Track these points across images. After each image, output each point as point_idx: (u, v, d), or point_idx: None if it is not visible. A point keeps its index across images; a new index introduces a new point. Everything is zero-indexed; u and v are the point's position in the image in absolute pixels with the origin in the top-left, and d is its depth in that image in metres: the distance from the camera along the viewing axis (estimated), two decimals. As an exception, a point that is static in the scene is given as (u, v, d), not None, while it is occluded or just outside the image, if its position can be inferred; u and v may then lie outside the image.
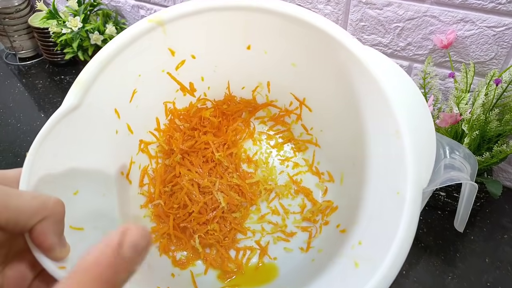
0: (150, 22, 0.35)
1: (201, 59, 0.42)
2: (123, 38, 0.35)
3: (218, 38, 0.40)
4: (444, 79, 0.66)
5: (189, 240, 0.42)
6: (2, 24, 1.00)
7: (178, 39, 0.38)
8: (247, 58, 0.42)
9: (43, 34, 0.98)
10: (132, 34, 0.35)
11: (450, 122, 0.57)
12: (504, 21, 0.57)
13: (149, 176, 0.44)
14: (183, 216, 0.43)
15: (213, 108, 0.47)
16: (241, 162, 0.47)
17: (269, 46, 0.40)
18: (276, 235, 0.44)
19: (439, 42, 0.60)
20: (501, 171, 0.71)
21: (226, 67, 0.44)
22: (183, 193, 0.43)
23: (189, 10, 0.36)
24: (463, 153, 0.50)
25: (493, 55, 0.60)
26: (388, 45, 0.67)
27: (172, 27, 0.37)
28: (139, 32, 0.35)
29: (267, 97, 0.47)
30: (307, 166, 0.46)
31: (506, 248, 0.62)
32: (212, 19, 0.37)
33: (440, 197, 0.66)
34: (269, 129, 0.49)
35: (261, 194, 0.46)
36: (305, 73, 0.41)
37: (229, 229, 0.43)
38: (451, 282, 0.57)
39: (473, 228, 0.65)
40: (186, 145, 0.45)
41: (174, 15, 0.36)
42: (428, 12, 0.61)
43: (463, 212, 0.54)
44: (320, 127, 0.45)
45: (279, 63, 0.42)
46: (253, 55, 0.41)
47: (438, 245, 0.62)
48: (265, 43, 0.40)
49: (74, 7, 0.89)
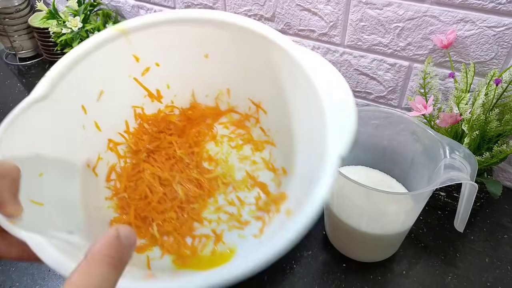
0: (115, 30, 0.40)
1: (165, 67, 0.46)
2: (90, 42, 0.40)
3: (179, 48, 0.44)
4: (444, 79, 0.66)
5: (148, 228, 0.45)
6: (2, 24, 1.00)
7: (142, 47, 0.43)
8: (207, 67, 0.46)
9: (43, 34, 0.98)
10: (98, 40, 0.40)
11: (450, 122, 0.57)
12: (504, 21, 0.57)
13: (116, 172, 0.47)
14: (143, 206, 0.45)
15: (179, 114, 0.51)
16: (202, 161, 0.50)
17: (224, 55, 0.44)
18: (231, 224, 0.46)
19: (439, 42, 0.60)
20: (501, 171, 0.71)
21: (189, 76, 0.48)
22: (144, 185, 0.46)
23: (149, 21, 0.41)
24: (463, 153, 0.50)
25: (493, 55, 0.60)
26: (388, 45, 0.67)
27: (136, 36, 0.41)
28: (104, 38, 0.40)
29: (228, 103, 0.51)
30: (264, 163, 0.50)
31: (506, 248, 0.62)
32: (171, 31, 0.42)
33: (440, 197, 0.66)
34: (231, 133, 0.52)
35: (219, 188, 0.49)
36: (257, 78, 0.45)
37: (187, 218, 0.46)
38: (451, 282, 0.57)
39: (473, 228, 0.65)
40: (152, 145, 0.48)
41: (136, 25, 0.41)
42: (428, 12, 0.61)
43: (463, 212, 0.54)
44: (276, 128, 0.49)
45: (234, 70, 0.46)
46: (212, 64, 0.45)
47: (438, 245, 0.62)
48: (220, 52, 0.44)
49: (74, 7, 0.89)
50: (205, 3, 0.81)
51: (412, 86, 0.70)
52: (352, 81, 0.76)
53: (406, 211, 0.53)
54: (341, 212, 0.56)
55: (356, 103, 0.79)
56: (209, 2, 0.80)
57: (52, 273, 0.60)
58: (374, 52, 0.70)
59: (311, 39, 0.75)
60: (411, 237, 0.63)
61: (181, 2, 0.84)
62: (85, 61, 0.39)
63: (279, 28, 0.76)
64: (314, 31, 0.73)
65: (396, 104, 0.75)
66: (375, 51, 0.70)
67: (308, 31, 0.74)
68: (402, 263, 0.60)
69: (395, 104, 0.75)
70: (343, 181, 0.52)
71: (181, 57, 0.45)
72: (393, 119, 0.58)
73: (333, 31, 0.71)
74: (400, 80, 0.71)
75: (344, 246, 0.60)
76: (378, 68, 0.71)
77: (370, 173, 0.64)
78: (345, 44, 0.72)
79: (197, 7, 0.83)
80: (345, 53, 0.73)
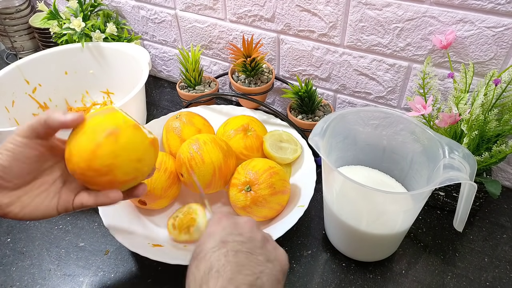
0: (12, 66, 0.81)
1: (45, 86, 0.86)
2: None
3: (51, 72, 0.86)
4: (443, 80, 0.67)
5: None
6: (3, 25, 1.00)
7: (29, 73, 0.83)
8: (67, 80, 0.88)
9: (44, 34, 0.98)
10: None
11: (449, 122, 0.57)
12: (503, 21, 0.57)
13: None
14: None
15: None
16: None
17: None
18: None
19: (439, 42, 0.61)
20: (500, 171, 0.71)
21: (61, 89, 0.89)
22: None
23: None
24: (462, 153, 0.50)
25: (492, 55, 0.60)
26: (388, 45, 0.68)
27: (26, 67, 0.82)
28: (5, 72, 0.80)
29: (91, 101, 0.92)
30: None
31: (505, 248, 0.62)
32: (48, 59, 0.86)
33: (439, 197, 0.66)
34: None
35: None
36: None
37: None
38: (451, 281, 0.58)
39: (472, 227, 0.65)
40: None
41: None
42: (427, 13, 0.61)
43: (462, 211, 0.54)
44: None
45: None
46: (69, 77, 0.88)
47: (437, 244, 0.63)
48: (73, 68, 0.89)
49: (74, 8, 0.89)
50: (205, 4, 0.81)
51: (412, 87, 0.71)
52: (352, 81, 0.76)
53: (406, 211, 0.53)
54: (341, 212, 0.56)
55: (356, 104, 0.80)
56: (209, 3, 0.81)
57: (52, 273, 0.60)
58: (374, 53, 0.70)
59: (310, 39, 0.75)
60: (411, 236, 0.64)
61: (181, 3, 0.85)
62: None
63: (279, 28, 0.77)
64: (313, 32, 0.73)
65: (395, 104, 0.75)
66: (374, 51, 0.70)
67: (308, 32, 0.74)
68: (401, 263, 0.60)
69: (395, 104, 0.75)
70: (343, 181, 0.53)
71: (53, 78, 0.82)
72: (392, 119, 0.59)
73: (333, 32, 0.71)
74: (399, 81, 0.71)
75: (344, 246, 0.61)
76: (377, 69, 0.72)
77: (369, 173, 0.64)
78: (345, 45, 0.72)
79: (197, 7, 0.83)
80: (344, 53, 0.73)
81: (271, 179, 0.60)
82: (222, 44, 0.87)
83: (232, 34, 0.83)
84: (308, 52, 0.77)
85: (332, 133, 0.57)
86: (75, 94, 0.91)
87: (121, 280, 0.59)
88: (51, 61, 0.86)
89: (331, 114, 0.57)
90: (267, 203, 0.60)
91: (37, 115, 0.86)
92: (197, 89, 0.85)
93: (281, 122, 0.77)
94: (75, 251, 0.63)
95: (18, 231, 0.67)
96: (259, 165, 0.62)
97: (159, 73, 1.04)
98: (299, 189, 0.66)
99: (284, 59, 0.81)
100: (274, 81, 0.81)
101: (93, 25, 0.89)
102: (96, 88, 0.92)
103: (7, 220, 0.68)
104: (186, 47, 0.93)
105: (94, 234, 0.66)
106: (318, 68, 0.78)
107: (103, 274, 0.60)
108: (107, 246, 0.64)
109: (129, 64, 0.85)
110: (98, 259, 0.62)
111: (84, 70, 0.90)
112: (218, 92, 0.87)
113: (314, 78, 0.80)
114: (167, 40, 0.95)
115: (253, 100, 0.77)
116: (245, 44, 0.75)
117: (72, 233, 0.66)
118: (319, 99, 0.77)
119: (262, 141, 0.70)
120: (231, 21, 0.82)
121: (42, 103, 0.86)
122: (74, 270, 0.61)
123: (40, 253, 0.63)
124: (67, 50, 0.87)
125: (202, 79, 0.87)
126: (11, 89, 0.80)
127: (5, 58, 1.09)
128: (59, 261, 0.62)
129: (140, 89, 0.75)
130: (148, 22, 0.94)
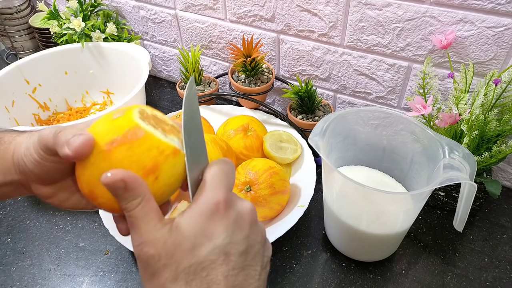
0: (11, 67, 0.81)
1: (45, 86, 0.85)
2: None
3: (51, 72, 0.85)
4: (443, 80, 0.67)
5: None
6: (3, 25, 1.00)
7: (29, 73, 0.83)
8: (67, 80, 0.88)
9: (44, 34, 0.98)
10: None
11: (449, 122, 0.57)
12: (504, 21, 0.57)
13: None
14: None
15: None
16: None
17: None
18: None
19: (439, 42, 0.61)
20: (500, 171, 0.71)
21: (61, 89, 0.89)
22: None
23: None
24: (462, 153, 0.50)
25: (492, 56, 0.60)
26: (388, 45, 0.68)
27: (26, 68, 0.82)
28: (5, 72, 0.80)
29: (91, 101, 0.92)
30: None
31: (505, 248, 0.62)
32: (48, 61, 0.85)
33: (439, 196, 0.66)
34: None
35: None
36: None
37: None
38: (451, 281, 0.58)
39: (472, 227, 0.65)
40: None
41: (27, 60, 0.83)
42: (427, 13, 0.61)
43: (462, 211, 0.54)
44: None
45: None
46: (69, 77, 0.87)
47: (437, 244, 0.63)
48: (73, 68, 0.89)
49: (74, 8, 0.89)
50: (205, 4, 0.81)
51: (412, 87, 0.71)
52: (352, 81, 0.76)
53: (406, 210, 0.53)
54: (341, 212, 0.56)
55: (356, 104, 0.80)
56: (209, 3, 0.81)
57: (52, 273, 0.60)
58: (374, 53, 0.70)
59: (311, 39, 0.75)
60: (411, 236, 0.64)
61: (181, 3, 0.85)
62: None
63: (279, 28, 0.77)
64: (314, 32, 0.73)
65: (395, 105, 0.75)
66: (374, 51, 0.70)
67: (308, 32, 0.74)
68: (401, 263, 0.60)
69: (395, 105, 0.75)
70: (343, 181, 0.53)
71: (53, 78, 0.78)
72: (392, 119, 0.59)
73: (333, 32, 0.71)
74: (399, 81, 0.71)
75: (344, 245, 0.61)
76: (377, 69, 0.72)
77: (369, 173, 0.64)
78: (345, 45, 0.72)
79: (197, 7, 0.83)
80: (344, 53, 0.73)
81: (271, 179, 0.60)
82: (222, 44, 0.87)
83: (232, 34, 0.83)
84: (308, 52, 0.77)
85: (332, 133, 0.57)
86: (75, 94, 0.91)
87: (121, 280, 0.59)
88: (51, 61, 0.86)
89: (331, 114, 0.57)
90: (267, 203, 0.60)
91: (37, 114, 0.86)
92: (197, 89, 0.85)
93: (281, 122, 0.77)
94: (75, 251, 0.63)
95: (18, 231, 0.67)
96: (259, 165, 0.62)
97: (159, 73, 1.04)
98: (299, 189, 0.66)
99: (284, 59, 0.81)
100: (274, 81, 0.81)
101: (93, 25, 0.89)
102: (96, 88, 0.92)
103: (7, 220, 0.68)
104: (186, 47, 0.93)
105: (94, 234, 0.66)
106: (318, 68, 0.78)
107: (103, 274, 0.60)
108: (107, 246, 0.64)
109: (129, 64, 0.85)
110: (98, 259, 0.62)
111: (84, 70, 0.90)
112: (218, 92, 0.87)
113: (314, 78, 0.80)
114: (167, 40, 0.95)
115: (253, 100, 0.77)
116: (245, 44, 0.75)
117: (72, 233, 0.66)
118: (319, 99, 0.77)
119: (262, 141, 0.70)
120: (231, 21, 0.82)
121: (42, 103, 0.86)
122: (74, 270, 0.61)
123: (40, 253, 0.63)
124: (67, 50, 0.87)
125: (202, 79, 0.87)
126: (11, 89, 0.80)
127: (5, 58, 1.09)
128: (59, 261, 0.62)
129: (140, 89, 0.75)
130: (148, 22, 0.94)
